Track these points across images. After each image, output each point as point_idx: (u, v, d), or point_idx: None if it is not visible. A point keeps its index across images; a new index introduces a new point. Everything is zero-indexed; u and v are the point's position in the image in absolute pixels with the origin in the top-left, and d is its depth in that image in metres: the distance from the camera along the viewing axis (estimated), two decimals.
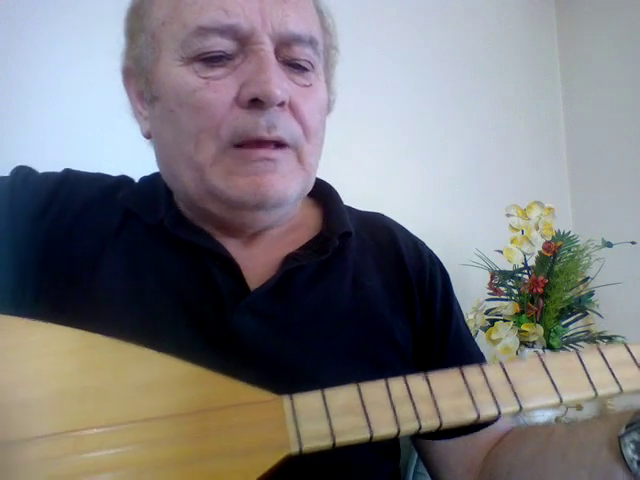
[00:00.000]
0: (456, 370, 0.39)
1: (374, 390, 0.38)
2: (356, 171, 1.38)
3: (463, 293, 0.69)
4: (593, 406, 1.60)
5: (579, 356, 0.40)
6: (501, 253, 1.36)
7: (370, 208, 0.71)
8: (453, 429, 0.60)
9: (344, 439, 0.36)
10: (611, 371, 0.39)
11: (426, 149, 1.64)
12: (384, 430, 0.37)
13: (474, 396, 0.38)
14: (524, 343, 1.28)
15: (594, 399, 0.38)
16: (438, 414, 0.37)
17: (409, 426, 0.37)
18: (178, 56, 0.51)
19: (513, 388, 0.38)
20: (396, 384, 0.38)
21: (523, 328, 1.27)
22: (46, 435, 0.35)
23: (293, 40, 0.52)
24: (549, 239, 1.32)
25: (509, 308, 1.33)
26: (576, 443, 0.49)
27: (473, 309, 1.34)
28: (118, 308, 0.51)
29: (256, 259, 0.57)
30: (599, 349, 0.40)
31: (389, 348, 0.58)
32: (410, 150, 1.61)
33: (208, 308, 0.53)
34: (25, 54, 1.08)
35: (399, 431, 0.36)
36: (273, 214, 0.54)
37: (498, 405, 0.37)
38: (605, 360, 0.39)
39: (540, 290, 1.29)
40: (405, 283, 0.62)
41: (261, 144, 0.50)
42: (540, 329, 1.27)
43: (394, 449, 0.62)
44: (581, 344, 1.31)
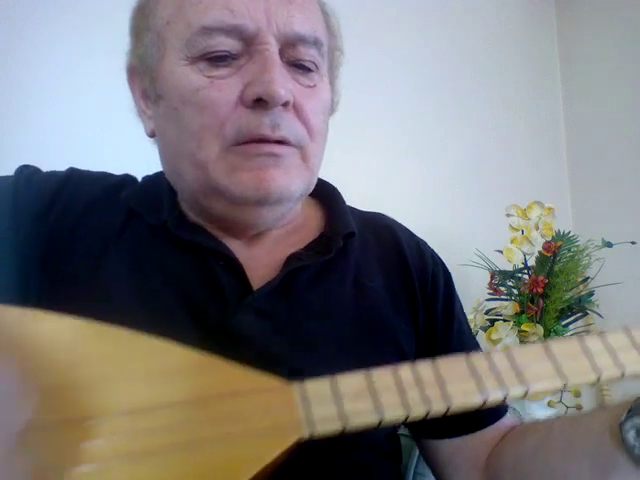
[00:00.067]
0: (462, 356, 0.40)
1: (382, 376, 0.39)
2: (356, 171, 1.38)
3: (463, 293, 0.69)
4: (591, 395, 1.60)
5: (581, 341, 0.40)
6: (501, 253, 1.36)
7: (370, 208, 0.71)
8: (461, 427, 0.61)
9: (354, 423, 0.37)
10: (613, 355, 0.39)
11: (426, 149, 1.64)
12: (393, 414, 0.37)
13: (480, 380, 0.39)
14: (524, 343, 1.28)
15: (597, 382, 0.39)
16: (446, 398, 0.38)
17: (418, 410, 0.37)
18: (183, 55, 0.51)
19: (518, 372, 0.39)
20: (404, 370, 0.39)
21: (523, 328, 1.27)
22: (61, 422, 0.35)
23: (298, 40, 0.52)
24: (549, 239, 1.32)
25: (509, 308, 1.33)
26: (578, 433, 0.49)
27: (473, 309, 1.34)
28: (122, 307, 0.51)
29: (259, 259, 0.57)
30: (601, 334, 0.41)
31: (391, 348, 0.58)
32: (410, 150, 1.61)
33: (212, 307, 0.53)
34: (25, 54, 1.08)
35: (408, 415, 0.37)
36: (276, 210, 0.54)
37: (504, 388, 0.38)
38: (607, 344, 0.40)
39: (540, 290, 1.29)
40: (408, 283, 0.62)
41: (265, 142, 0.51)
42: (540, 329, 1.27)
43: (395, 449, 0.62)
44: None
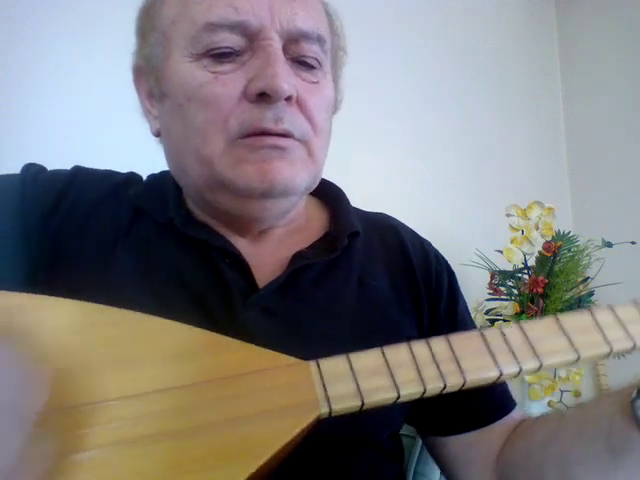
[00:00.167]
0: (476, 332, 0.40)
1: (398, 353, 0.39)
2: (356, 171, 1.38)
3: (463, 293, 0.69)
4: (592, 394, 1.60)
5: (592, 314, 0.41)
6: (501, 253, 1.36)
7: (370, 208, 0.72)
8: (468, 422, 0.61)
9: (372, 399, 0.37)
10: (624, 327, 0.40)
11: (426, 149, 1.64)
12: (410, 389, 0.37)
13: (495, 355, 0.39)
14: None
15: (609, 355, 0.40)
16: (461, 372, 0.38)
17: (434, 385, 0.37)
18: (188, 52, 0.52)
19: (532, 346, 0.39)
20: (419, 346, 0.39)
21: None
22: (75, 406, 0.35)
23: (301, 37, 0.52)
24: (549, 239, 1.32)
25: (509, 308, 1.33)
26: (589, 418, 0.49)
27: (473, 309, 1.34)
28: (129, 304, 0.52)
29: (263, 257, 0.58)
30: (611, 307, 0.42)
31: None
32: (410, 150, 1.61)
33: (218, 304, 0.53)
34: (25, 54, 1.08)
35: (425, 390, 0.37)
36: (280, 204, 0.54)
37: (519, 363, 0.38)
38: (617, 317, 0.41)
39: (540, 290, 1.29)
40: (412, 283, 0.62)
41: (268, 134, 0.51)
42: None
43: (398, 450, 0.62)
44: None
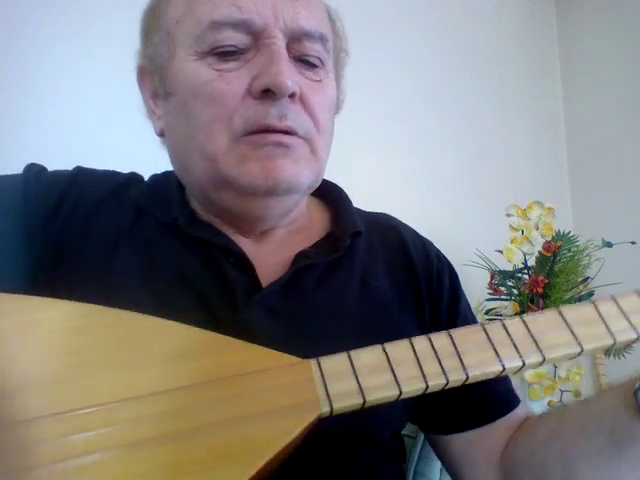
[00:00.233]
0: (478, 326, 0.40)
1: (398, 349, 0.38)
2: (356, 171, 1.38)
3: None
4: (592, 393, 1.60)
5: (595, 306, 0.40)
6: (501, 253, 1.36)
7: (370, 208, 0.72)
8: (471, 420, 0.60)
9: (374, 397, 0.36)
10: (627, 318, 0.40)
11: (426, 149, 1.64)
12: (412, 386, 0.37)
13: (498, 349, 0.38)
14: None
15: (613, 346, 0.39)
16: (464, 367, 0.37)
17: (436, 381, 0.37)
18: (192, 51, 0.52)
19: (535, 340, 0.38)
20: (420, 342, 0.39)
21: None
22: (73, 410, 0.35)
23: (304, 35, 0.53)
24: (549, 239, 1.32)
25: (509, 308, 1.33)
26: (591, 413, 0.49)
27: (473, 309, 1.33)
28: (132, 304, 0.52)
29: (266, 257, 0.58)
30: (613, 297, 0.41)
31: None
32: (410, 150, 1.61)
33: (221, 304, 0.53)
34: (25, 54, 1.08)
35: (427, 386, 0.37)
36: (284, 202, 0.55)
37: (522, 356, 0.38)
38: (620, 308, 0.40)
39: (540, 290, 1.29)
40: (414, 282, 0.63)
41: (273, 132, 0.52)
42: None
43: (400, 449, 0.62)
44: None
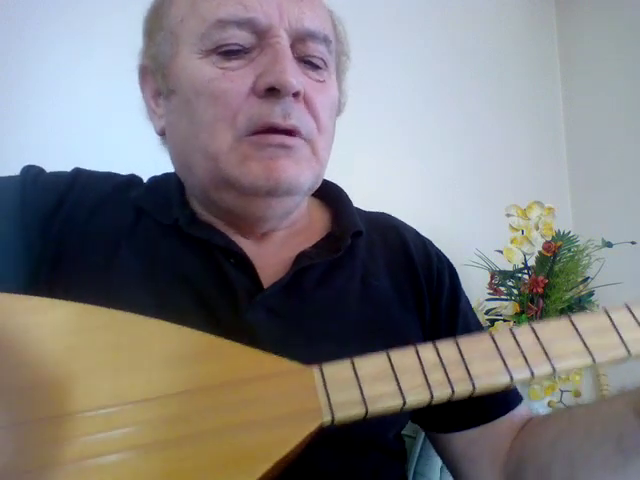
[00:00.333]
0: (486, 334, 0.38)
1: (404, 357, 0.37)
2: (356, 171, 1.38)
3: None
4: (592, 394, 1.60)
5: (608, 314, 0.38)
6: (501, 253, 1.36)
7: (370, 208, 0.71)
8: (471, 419, 0.60)
9: (377, 406, 0.35)
10: None
11: (426, 149, 1.64)
12: (417, 396, 0.36)
13: (506, 359, 0.37)
14: None
15: (627, 358, 0.37)
16: (470, 378, 0.36)
17: (442, 391, 0.36)
18: (197, 49, 0.52)
19: (545, 350, 0.37)
20: (426, 350, 0.37)
21: None
22: (73, 413, 0.35)
23: (308, 36, 0.53)
24: (549, 239, 1.32)
25: (509, 308, 1.33)
26: (599, 418, 0.48)
27: (473, 309, 1.34)
28: (133, 306, 0.52)
29: (267, 258, 0.58)
30: (627, 306, 0.39)
31: (400, 344, 0.58)
32: (410, 150, 1.61)
33: (223, 304, 0.53)
34: (25, 54, 1.08)
35: (432, 397, 0.36)
36: (284, 202, 0.55)
37: (531, 367, 0.36)
38: (635, 317, 0.38)
39: (540, 290, 1.29)
40: (414, 281, 0.63)
41: (276, 131, 0.52)
42: None
43: (401, 450, 0.62)
44: None
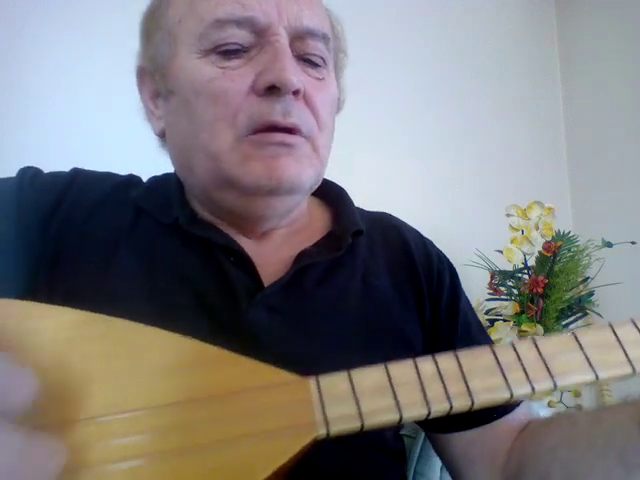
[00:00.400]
0: (487, 348, 0.37)
1: (402, 370, 0.36)
2: (356, 171, 1.38)
3: None
4: (592, 395, 1.60)
5: (613, 330, 0.38)
6: (501, 253, 1.36)
7: (371, 208, 0.72)
8: (469, 420, 0.60)
9: (373, 421, 0.35)
10: None
11: (426, 149, 1.64)
12: (414, 411, 0.35)
13: (506, 374, 0.36)
14: None
15: (632, 375, 0.37)
16: (469, 393, 0.35)
17: (440, 406, 0.35)
18: (195, 49, 0.52)
19: (546, 365, 0.36)
20: (425, 363, 0.37)
21: (523, 328, 1.27)
22: (66, 422, 0.34)
23: (307, 34, 0.53)
24: (549, 239, 1.32)
25: (509, 308, 1.33)
26: (602, 430, 0.48)
27: (474, 309, 1.34)
28: (133, 305, 0.51)
29: (267, 257, 0.58)
30: (633, 321, 0.38)
31: (400, 346, 0.59)
32: (410, 150, 1.61)
33: (223, 303, 0.53)
34: (25, 53, 1.08)
35: (430, 412, 0.35)
36: (286, 201, 0.55)
37: (531, 383, 0.36)
38: None
39: (540, 290, 1.29)
40: (414, 280, 0.63)
41: (277, 130, 0.51)
42: (540, 329, 1.27)
43: (401, 449, 0.62)
44: None
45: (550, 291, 1.30)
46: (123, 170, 0.66)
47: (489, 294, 1.39)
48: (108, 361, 0.38)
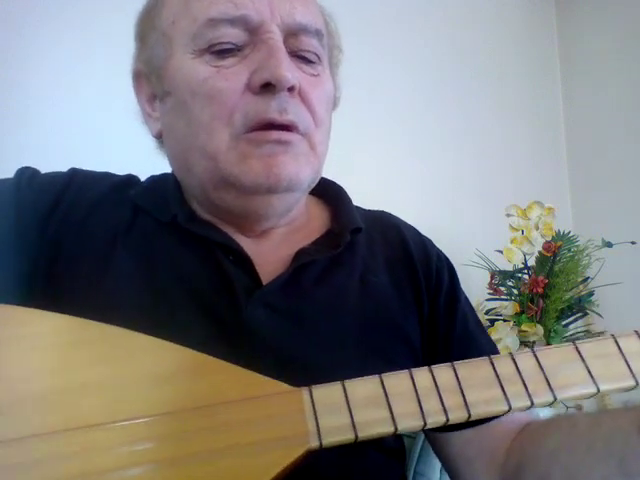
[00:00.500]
0: (485, 359, 0.37)
1: (397, 381, 0.36)
2: (357, 171, 1.38)
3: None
4: (593, 404, 1.60)
5: (616, 341, 0.37)
6: (501, 253, 1.36)
7: (371, 208, 0.72)
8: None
9: (367, 433, 0.34)
10: None
11: (426, 149, 1.64)
12: (409, 423, 0.34)
13: (505, 386, 0.35)
14: (524, 343, 1.28)
15: (634, 388, 0.36)
16: (466, 406, 0.35)
17: (435, 419, 0.35)
18: (190, 49, 0.52)
19: (546, 378, 0.35)
20: (421, 374, 0.36)
21: (523, 328, 1.27)
22: (54, 431, 0.34)
23: (300, 30, 0.53)
24: (549, 239, 1.32)
25: (509, 308, 1.33)
26: (602, 434, 0.47)
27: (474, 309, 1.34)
28: (131, 303, 0.52)
29: (266, 256, 0.58)
30: (638, 333, 0.37)
31: (399, 343, 0.59)
32: (410, 150, 1.61)
33: (222, 301, 0.53)
34: (25, 53, 1.08)
35: (425, 424, 0.34)
36: (284, 200, 0.55)
37: (531, 396, 0.35)
38: None
39: (540, 290, 1.29)
40: (413, 277, 0.63)
41: (273, 127, 0.51)
42: (540, 329, 1.27)
43: (400, 448, 0.62)
44: None
45: (550, 291, 1.30)
46: (123, 170, 0.66)
47: (489, 294, 1.39)
48: (99, 369, 0.37)
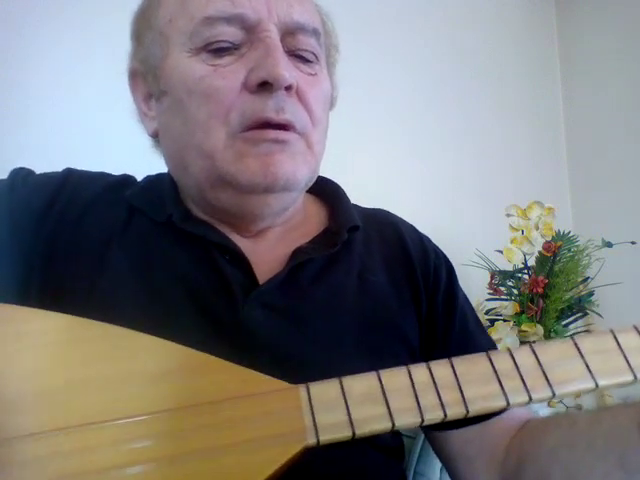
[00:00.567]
0: (483, 355, 0.37)
1: (395, 377, 0.36)
2: (356, 171, 1.38)
3: None
4: (592, 395, 1.60)
5: (615, 336, 0.36)
6: (501, 253, 1.36)
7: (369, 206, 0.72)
8: (464, 418, 0.60)
9: (364, 429, 0.34)
10: None
11: (426, 149, 1.64)
12: (406, 419, 0.34)
13: (503, 382, 0.35)
14: (524, 343, 1.28)
15: (633, 383, 0.35)
16: (464, 402, 0.35)
17: (433, 415, 0.34)
18: (186, 48, 0.52)
19: (545, 373, 0.35)
20: (419, 370, 0.36)
21: (523, 328, 1.27)
22: (54, 429, 0.34)
23: (298, 29, 0.53)
24: (549, 239, 1.32)
25: (509, 308, 1.33)
26: (602, 431, 0.47)
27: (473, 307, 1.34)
28: (127, 303, 0.51)
29: (263, 255, 0.58)
30: (636, 328, 0.37)
31: (397, 341, 0.59)
32: (410, 150, 1.61)
33: (218, 301, 0.53)
34: (25, 53, 1.08)
35: (423, 420, 0.34)
36: (281, 199, 0.55)
37: (529, 391, 0.35)
38: None
39: (540, 290, 1.29)
40: (411, 276, 0.63)
41: (270, 126, 0.51)
42: (540, 329, 1.27)
43: (399, 447, 0.62)
44: None
45: (550, 291, 1.30)
46: (123, 170, 0.66)
47: (489, 294, 1.39)
48: (100, 367, 0.37)
